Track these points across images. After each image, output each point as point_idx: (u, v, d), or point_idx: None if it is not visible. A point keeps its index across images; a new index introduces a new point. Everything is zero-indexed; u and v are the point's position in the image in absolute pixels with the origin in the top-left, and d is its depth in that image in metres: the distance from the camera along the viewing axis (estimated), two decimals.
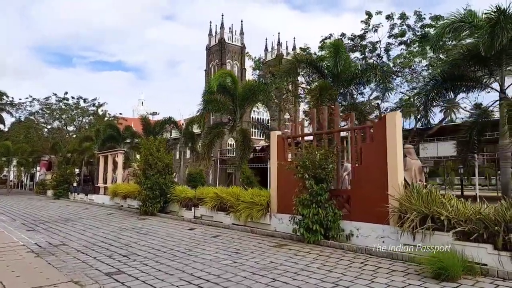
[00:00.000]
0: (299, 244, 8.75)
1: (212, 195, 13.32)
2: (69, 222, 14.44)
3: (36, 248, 9.04)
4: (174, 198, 15.52)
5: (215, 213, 13.18)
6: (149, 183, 15.73)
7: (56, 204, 24.14)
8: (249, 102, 18.76)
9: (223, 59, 64.28)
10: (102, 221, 14.63)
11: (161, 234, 10.98)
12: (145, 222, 13.84)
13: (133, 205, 19.34)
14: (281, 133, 11.30)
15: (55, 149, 41.76)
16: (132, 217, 15.85)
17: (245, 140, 17.84)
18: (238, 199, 12.14)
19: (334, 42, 13.56)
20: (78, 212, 18.74)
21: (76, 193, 28.44)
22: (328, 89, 12.99)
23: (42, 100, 52.98)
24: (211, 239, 9.95)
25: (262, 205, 11.04)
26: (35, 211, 19.45)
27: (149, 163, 16.03)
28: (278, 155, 11.02)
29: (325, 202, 8.76)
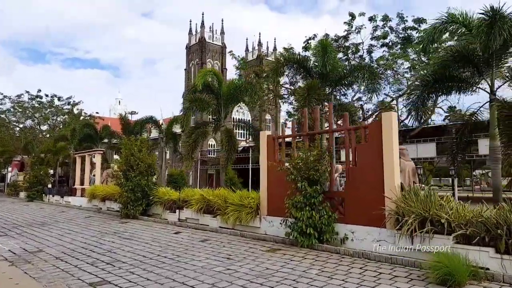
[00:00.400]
0: (292, 249, 8.45)
1: (198, 197, 12.87)
2: (45, 226, 13.66)
3: (10, 255, 8.38)
4: (157, 201, 14.95)
5: (201, 216, 12.74)
6: (130, 185, 15.09)
7: (29, 207, 23.02)
8: (234, 101, 18.38)
9: (203, 58, 63.54)
10: (81, 224, 13.92)
11: (145, 238, 10.46)
12: (127, 226, 13.24)
13: (113, 208, 18.61)
14: (271, 133, 10.97)
15: (27, 149, 40.03)
16: (113, 220, 15.18)
17: (230, 140, 17.44)
18: (226, 201, 11.75)
19: (322, 42, 13.40)
20: (54, 215, 17.85)
21: (51, 195, 27.25)
22: (316, 89, 12.78)
23: (14, 98, 50.87)
24: (200, 243, 9.53)
25: (252, 208, 10.70)
26: (7, 214, 18.42)
27: (131, 164, 15.38)
28: (268, 156, 10.70)
29: (318, 204, 8.50)
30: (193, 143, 18.15)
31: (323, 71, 13.11)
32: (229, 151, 17.39)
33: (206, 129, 18.74)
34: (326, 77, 13.48)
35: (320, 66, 13.14)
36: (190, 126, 18.99)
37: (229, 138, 17.48)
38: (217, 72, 17.81)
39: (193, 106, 17.56)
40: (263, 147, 10.86)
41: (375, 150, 8.01)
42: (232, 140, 17.48)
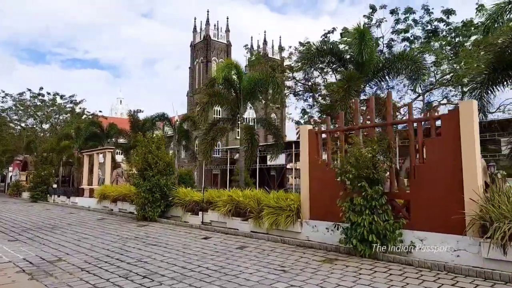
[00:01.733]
0: (351, 259, 7.37)
1: (226, 199, 11.79)
2: (57, 229, 12.56)
3: (27, 265, 7.28)
4: (177, 202, 13.86)
5: (229, 219, 11.65)
6: (148, 184, 14.00)
7: (35, 208, 21.89)
8: (253, 97, 17.30)
9: (208, 56, 62.53)
10: (96, 228, 12.82)
11: (173, 244, 9.37)
12: (147, 230, 12.14)
13: (126, 209, 17.53)
14: (314, 128, 9.90)
15: (30, 148, 38.88)
16: (129, 223, 14.08)
17: (252, 138, 16.34)
18: (259, 203, 10.69)
19: (359, 28, 12.33)
20: (63, 217, 16.74)
21: (56, 196, 26.14)
22: (356, 80, 11.72)
23: (16, 96, 49.69)
24: (238, 251, 8.44)
25: (292, 211, 9.61)
26: (13, 216, 17.30)
27: (148, 162, 14.30)
28: (309, 153, 9.62)
29: (380, 207, 7.42)
30: (211, 141, 17.06)
31: (360, 59, 12.04)
32: (251, 149, 16.29)
33: (225, 126, 17.65)
34: (362, 67, 12.41)
35: (356, 54, 12.05)
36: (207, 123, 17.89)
37: (251, 135, 16.39)
38: (238, 65, 16.73)
39: (212, 101, 16.48)
40: (304, 143, 9.78)
41: (451, 145, 6.94)
42: (254, 138, 16.39)
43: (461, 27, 20.84)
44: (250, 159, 16.65)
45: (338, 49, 13.70)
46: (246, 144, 16.50)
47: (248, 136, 16.63)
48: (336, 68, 14.34)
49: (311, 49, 13.69)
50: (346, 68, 13.19)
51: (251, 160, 16.76)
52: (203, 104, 16.37)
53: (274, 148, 17.70)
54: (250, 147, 16.39)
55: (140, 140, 15.12)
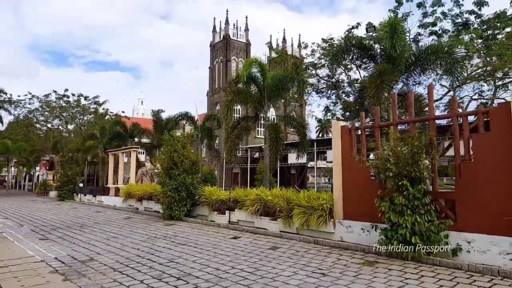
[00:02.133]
0: (393, 261, 6.97)
1: (254, 198, 11.55)
2: (85, 228, 12.60)
3: (59, 265, 7.22)
4: (203, 201, 13.70)
5: (257, 218, 11.39)
6: (174, 183, 13.90)
7: (63, 207, 22.26)
8: (278, 94, 16.96)
9: (228, 55, 62.51)
10: (123, 227, 12.80)
11: (203, 244, 9.18)
12: (175, 229, 12.02)
13: (151, 208, 17.55)
14: (347, 124, 9.51)
15: (56, 148, 39.80)
16: (156, 222, 14.02)
17: (277, 136, 16.03)
18: (288, 202, 10.39)
19: (390, 21, 11.80)
20: (91, 215, 16.88)
21: (83, 194, 26.56)
22: (389, 75, 11.23)
23: (42, 97, 50.99)
24: (271, 252, 8.16)
25: (324, 210, 9.27)
26: (42, 214, 17.59)
27: (174, 161, 14.20)
28: (343, 150, 9.25)
29: (423, 207, 6.99)
30: (235, 139, 16.84)
31: (393, 53, 11.53)
32: (276, 148, 15.96)
33: (249, 124, 17.39)
34: (394, 62, 11.89)
35: (389, 48, 11.54)
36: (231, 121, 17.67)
37: (276, 133, 16.08)
38: (262, 62, 16.44)
39: (236, 99, 16.25)
40: (336, 140, 9.41)
41: (502, 140, 6.45)
42: (279, 136, 16.07)
43: (493, 19, 19.90)
44: (274, 157, 16.33)
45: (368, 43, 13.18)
46: (271, 142, 16.19)
47: (273, 134, 16.32)
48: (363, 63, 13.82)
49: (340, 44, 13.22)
50: (375, 63, 12.71)
51: (275, 159, 16.42)
52: (227, 102, 16.15)
53: (299, 146, 17.32)
54: (275, 146, 16.06)
55: (165, 139, 15.05)
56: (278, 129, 16.32)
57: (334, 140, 9.49)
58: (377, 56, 12.90)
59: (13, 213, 18.63)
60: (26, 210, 20.32)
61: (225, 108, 16.04)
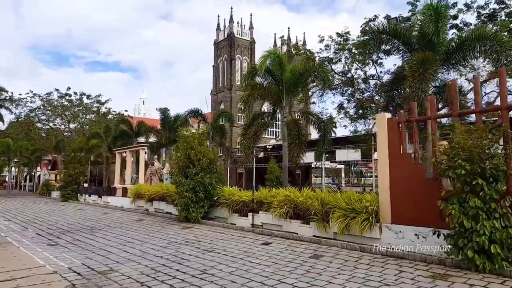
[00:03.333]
0: (468, 274, 5.96)
1: (282, 199, 10.54)
2: (96, 231, 11.60)
3: (75, 277, 6.22)
4: (222, 202, 12.69)
5: (285, 221, 10.39)
6: (191, 183, 12.90)
7: (67, 208, 21.24)
8: (296, 89, 15.93)
9: (232, 54, 61.51)
10: (137, 230, 11.78)
11: (233, 252, 8.17)
12: (194, 232, 11.02)
13: (162, 209, 16.55)
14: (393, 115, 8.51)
15: (59, 147, 38.81)
16: (171, 224, 13.01)
17: (299, 133, 15.00)
18: (323, 204, 9.40)
19: (432, 5, 10.79)
20: (99, 217, 15.87)
21: (87, 195, 25.53)
22: (432, 63, 10.25)
23: (44, 96, 50.02)
24: (315, 262, 7.15)
25: (368, 213, 8.27)
26: (47, 216, 16.58)
27: (191, 159, 13.21)
28: (390, 145, 8.24)
29: (499, 210, 5.99)
30: (253, 136, 15.84)
31: (435, 39, 10.53)
32: (299, 145, 14.92)
33: (267, 120, 16.37)
34: (434, 50, 10.88)
35: (431, 33, 10.49)
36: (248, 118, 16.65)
37: (298, 129, 15.07)
38: (281, 54, 15.43)
39: (255, 93, 15.25)
40: (382, 134, 8.42)
41: None
42: (301, 133, 15.04)
43: None
44: (297, 155, 15.28)
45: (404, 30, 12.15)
46: (293, 140, 15.18)
47: (294, 131, 15.30)
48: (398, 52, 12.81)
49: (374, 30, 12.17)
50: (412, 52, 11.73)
51: (298, 157, 15.38)
52: (245, 98, 15.15)
53: (320, 144, 16.29)
54: (297, 143, 15.03)
55: (180, 135, 14.06)
56: (298, 125, 15.28)
57: (379, 134, 8.49)
58: (414, 44, 11.89)
59: (16, 215, 17.62)
60: (29, 211, 19.31)
61: (244, 103, 15.01)
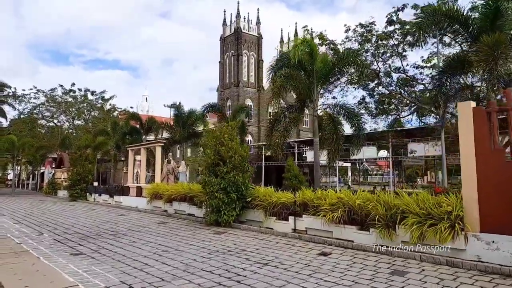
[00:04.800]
0: None
1: (333, 202, 9.30)
2: (120, 237, 10.39)
3: None
4: (259, 204, 11.45)
5: (336, 227, 9.16)
6: (222, 183, 11.69)
7: (78, 208, 20.05)
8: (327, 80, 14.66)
9: (239, 49, 60.21)
10: (166, 235, 10.56)
11: (291, 264, 6.95)
12: (231, 239, 9.80)
13: (183, 211, 15.34)
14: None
15: (65, 145, 37.58)
16: (200, 228, 11.79)
17: (336, 127, 13.72)
18: (389, 208, 8.17)
19: None
20: (116, 219, 14.67)
21: (97, 194, 24.32)
22: (507, 45, 9.02)
23: (48, 92, 48.76)
24: (401, 279, 5.93)
25: (450, 220, 7.04)
26: (59, 218, 15.38)
27: (221, 156, 11.98)
28: (477, 139, 7.01)
29: None
30: (284, 131, 14.59)
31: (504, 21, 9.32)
32: (337, 141, 13.63)
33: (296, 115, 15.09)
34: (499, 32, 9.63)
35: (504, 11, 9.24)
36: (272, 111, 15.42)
37: (334, 124, 13.81)
38: (313, 43, 14.18)
39: (286, 84, 13.99)
40: (467, 126, 7.17)
41: None
42: (338, 128, 13.77)
43: None
44: (335, 152, 13.99)
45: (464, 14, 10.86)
46: (330, 135, 13.92)
47: (330, 125, 14.04)
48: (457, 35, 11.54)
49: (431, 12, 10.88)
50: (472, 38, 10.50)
51: (335, 156, 14.09)
52: (276, 88, 13.88)
53: (354, 140, 15.03)
54: (334, 139, 13.75)
55: (208, 130, 12.83)
56: (334, 118, 14.00)
57: (462, 126, 7.26)
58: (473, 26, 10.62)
59: (25, 216, 16.43)
60: (39, 212, 18.12)
61: (276, 95, 13.72)
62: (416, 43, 11.88)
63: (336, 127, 13.80)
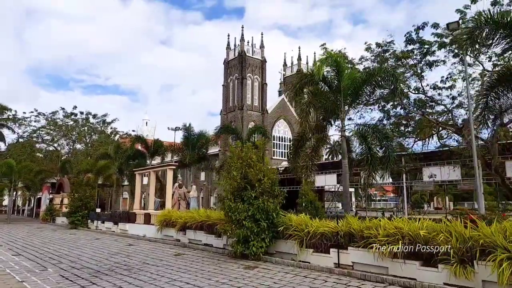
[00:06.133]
0: None
1: (390, 231, 8.01)
2: (137, 273, 8.99)
3: None
4: (293, 233, 10.11)
5: (393, 262, 7.85)
6: (251, 209, 10.40)
7: (80, 237, 18.53)
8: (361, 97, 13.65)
9: (243, 73, 59.92)
10: (189, 271, 9.16)
11: None
12: (268, 276, 8.43)
13: (199, 241, 13.95)
14: None
15: (65, 169, 36.20)
16: (226, 262, 10.39)
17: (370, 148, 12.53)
18: (462, 240, 6.90)
19: None
20: (126, 250, 13.23)
21: (100, 221, 22.79)
22: None
23: (49, 115, 47.83)
24: None
25: None
26: (62, 249, 13.90)
27: (249, 180, 10.75)
28: None
29: None
30: (312, 152, 13.40)
31: None
32: (372, 162, 12.40)
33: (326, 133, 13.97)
34: None
35: None
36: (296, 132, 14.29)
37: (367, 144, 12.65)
38: (339, 58, 13.26)
39: (314, 102, 12.91)
40: None
41: None
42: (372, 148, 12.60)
43: None
44: (369, 175, 12.75)
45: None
46: (365, 156, 12.76)
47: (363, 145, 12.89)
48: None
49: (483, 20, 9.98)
50: None
51: (369, 177, 12.86)
52: (304, 106, 12.81)
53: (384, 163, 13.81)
54: (369, 160, 12.48)
55: (232, 150, 11.67)
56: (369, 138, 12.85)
57: None
58: None
59: (24, 246, 14.94)
60: (39, 241, 16.60)
61: (304, 113, 12.62)
62: (465, 53, 10.89)
63: (370, 148, 12.66)
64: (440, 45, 21.41)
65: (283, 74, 70.23)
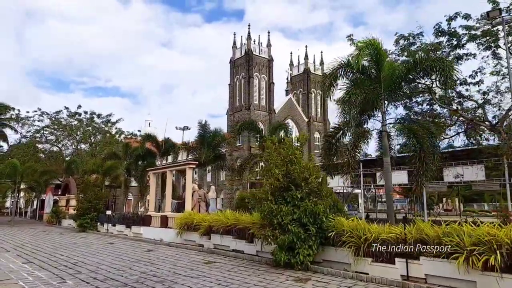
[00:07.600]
0: None
1: (483, 239, 6.70)
2: (170, 286, 7.67)
3: None
4: (347, 240, 8.80)
5: (485, 275, 6.55)
6: (297, 212, 9.11)
7: (91, 241, 17.22)
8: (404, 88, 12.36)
9: (250, 72, 58.65)
10: (231, 284, 7.85)
11: None
12: None
13: (227, 246, 12.67)
14: None
15: (71, 169, 34.91)
16: (267, 272, 9.08)
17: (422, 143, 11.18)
18: None
19: None
20: (146, 257, 11.92)
21: (111, 224, 21.47)
22: None
23: (53, 115, 46.60)
24: None
25: None
26: (76, 255, 12.58)
27: (293, 179, 9.46)
28: None
29: None
30: (353, 149, 12.11)
31: None
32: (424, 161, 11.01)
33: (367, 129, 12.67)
34: None
35: None
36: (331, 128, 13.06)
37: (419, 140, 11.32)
38: (379, 46, 11.98)
39: (356, 92, 11.61)
40: None
41: None
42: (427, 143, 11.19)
43: None
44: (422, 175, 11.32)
45: None
46: (416, 153, 11.46)
47: (413, 141, 11.58)
48: None
49: None
50: None
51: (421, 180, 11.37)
52: (347, 96, 11.49)
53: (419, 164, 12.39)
54: (420, 158, 11.12)
55: (268, 145, 10.39)
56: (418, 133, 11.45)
57: None
58: None
59: (33, 251, 13.65)
60: (48, 247, 15.28)
61: (347, 105, 11.27)
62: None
63: (422, 143, 11.31)
64: (471, 37, 20.17)
65: (290, 73, 68.98)
